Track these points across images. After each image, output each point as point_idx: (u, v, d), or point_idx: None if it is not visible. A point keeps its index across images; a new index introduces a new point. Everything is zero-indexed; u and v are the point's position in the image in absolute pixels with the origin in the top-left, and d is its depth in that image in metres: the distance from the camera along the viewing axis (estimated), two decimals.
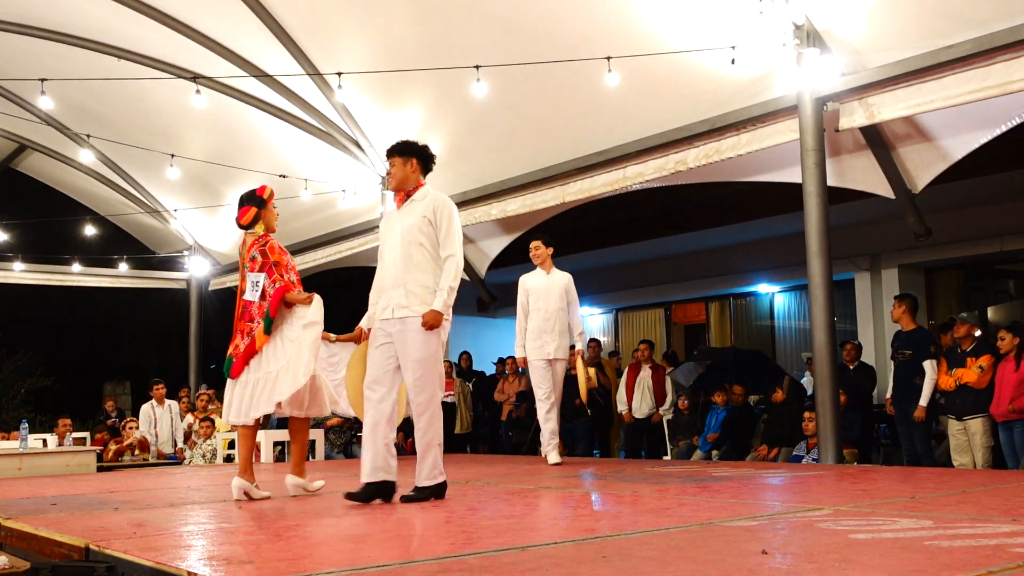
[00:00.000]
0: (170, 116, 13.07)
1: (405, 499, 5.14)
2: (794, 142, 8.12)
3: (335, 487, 6.44)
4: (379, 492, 5.15)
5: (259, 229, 5.86)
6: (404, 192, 5.39)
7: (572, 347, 8.42)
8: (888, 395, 8.66)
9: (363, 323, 5.53)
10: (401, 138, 5.55)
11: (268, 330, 5.58)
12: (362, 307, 6.83)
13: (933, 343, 8.57)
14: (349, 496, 5.18)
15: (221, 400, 12.39)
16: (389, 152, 5.43)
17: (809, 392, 10.02)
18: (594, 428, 11.77)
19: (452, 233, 5.24)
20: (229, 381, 5.70)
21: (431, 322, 5.09)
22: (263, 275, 5.67)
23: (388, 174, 5.64)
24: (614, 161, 9.84)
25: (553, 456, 7.93)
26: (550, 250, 8.30)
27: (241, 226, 5.90)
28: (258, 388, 5.55)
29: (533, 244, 8.35)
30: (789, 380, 10.46)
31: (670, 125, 9.21)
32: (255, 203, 5.86)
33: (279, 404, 5.64)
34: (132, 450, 11.75)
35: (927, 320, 11.89)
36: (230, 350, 5.71)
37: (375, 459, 5.14)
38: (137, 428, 11.93)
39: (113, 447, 11.73)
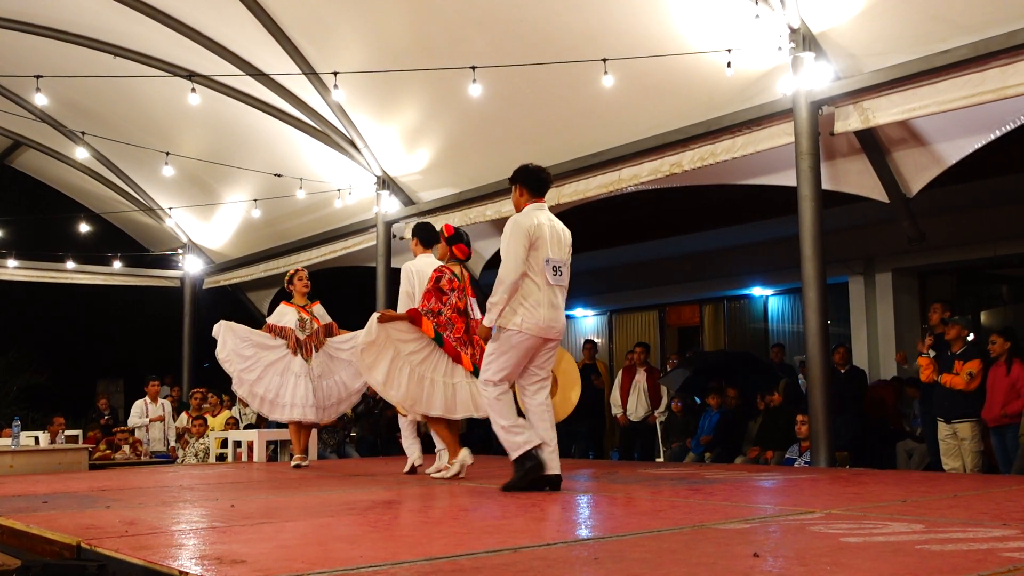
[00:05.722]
0: (165, 114, 13.04)
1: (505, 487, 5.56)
2: (789, 145, 8.14)
3: (331, 486, 6.43)
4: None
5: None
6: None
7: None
8: None
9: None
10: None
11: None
12: (358, 306, 6.82)
13: None
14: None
15: (215, 396, 12.43)
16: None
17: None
18: (593, 430, 11.81)
19: (504, 252, 5.55)
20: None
21: (480, 335, 5.88)
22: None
23: None
24: (609, 163, 9.85)
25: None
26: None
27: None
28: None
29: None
30: (786, 383, 10.46)
31: (665, 127, 9.23)
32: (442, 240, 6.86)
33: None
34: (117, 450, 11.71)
35: (920, 324, 11.91)
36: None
37: None
38: (127, 439, 11.79)
39: (103, 447, 11.69)
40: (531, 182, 5.79)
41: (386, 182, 12.36)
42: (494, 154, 10.85)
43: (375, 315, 6.68)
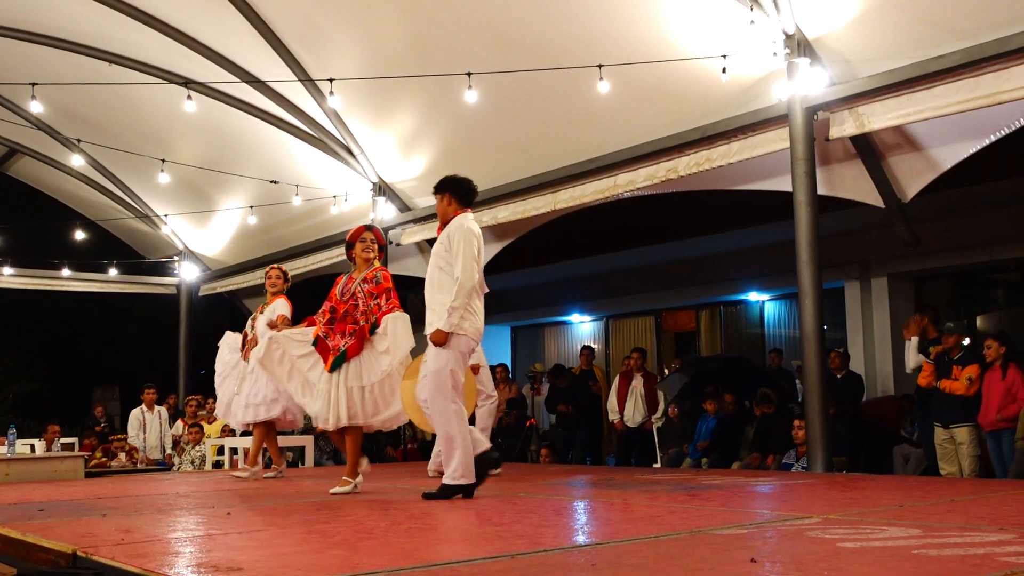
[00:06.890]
0: (161, 121, 13.03)
1: (427, 496, 5.58)
2: (785, 151, 8.15)
3: (328, 493, 6.42)
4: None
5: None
6: (442, 222, 5.92)
7: None
8: None
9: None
10: (444, 175, 6.12)
11: None
12: None
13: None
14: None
15: (214, 402, 12.37)
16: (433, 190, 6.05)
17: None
18: (591, 436, 11.78)
19: (459, 256, 5.57)
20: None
21: (434, 339, 5.54)
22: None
23: None
24: (605, 169, 9.85)
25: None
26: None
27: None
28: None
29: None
30: (775, 389, 10.43)
31: (661, 133, 9.24)
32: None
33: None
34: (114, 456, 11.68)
35: None
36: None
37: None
38: (124, 447, 11.76)
39: (99, 455, 11.66)
40: (460, 193, 5.97)
41: (382, 188, 12.36)
42: (490, 160, 10.85)
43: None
